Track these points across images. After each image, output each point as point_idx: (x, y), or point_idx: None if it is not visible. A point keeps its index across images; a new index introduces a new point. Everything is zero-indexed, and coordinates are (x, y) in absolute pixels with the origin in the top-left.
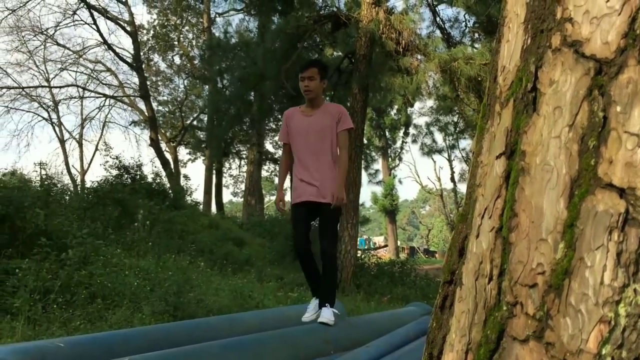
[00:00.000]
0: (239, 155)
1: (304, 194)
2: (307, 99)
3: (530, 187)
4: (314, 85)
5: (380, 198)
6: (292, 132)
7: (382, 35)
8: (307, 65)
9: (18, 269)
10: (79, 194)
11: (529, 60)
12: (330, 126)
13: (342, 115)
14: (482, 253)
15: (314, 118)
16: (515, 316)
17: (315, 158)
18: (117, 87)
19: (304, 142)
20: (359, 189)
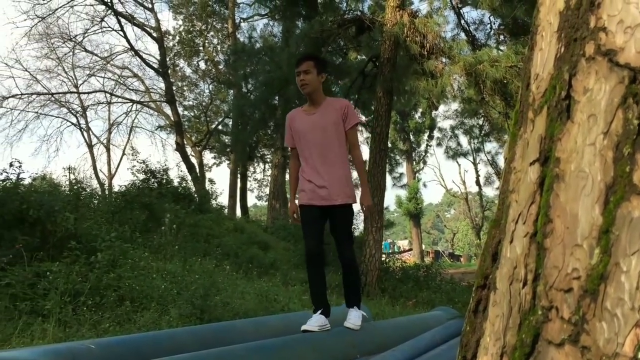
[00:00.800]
0: (264, 159)
1: (314, 197)
2: (305, 94)
3: (565, 194)
4: (311, 79)
5: (404, 202)
6: (296, 133)
7: (407, 38)
8: (302, 58)
9: (49, 272)
10: (107, 198)
11: (562, 68)
12: (335, 122)
13: (348, 109)
14: (516, 258)
15: (317, 116)
16: (551, 320)
17: (323, 158)
18: (143, 92)
19: (309, 142)
20: (383, 192)
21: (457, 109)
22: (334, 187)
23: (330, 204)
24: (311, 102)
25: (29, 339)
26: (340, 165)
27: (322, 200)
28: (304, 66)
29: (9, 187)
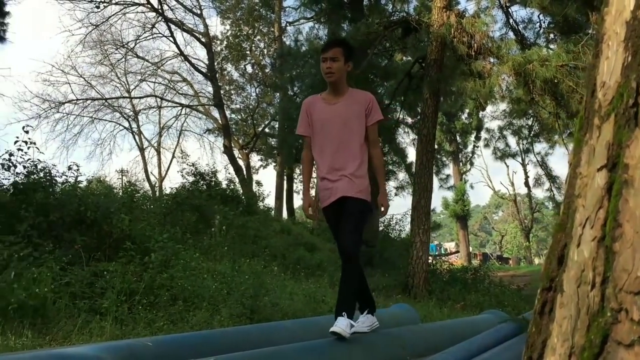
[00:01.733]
0: None
1: (332, 194)
2: (329, 83)
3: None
4: (338, 67)
5: (451, 203)
6: (314, 123)
7: (454, 39)
8: (330, 44)
9: (106, 272)
10: (159, 200)
11: (630, 76)
12: (358, 116)
13: (372, 104)
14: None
15: (339, 106)
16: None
17: (340, 152)
18: (192, 96)
19: (327, 134)
20: (430, 194)
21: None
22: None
23: (346, 194)
24: (334, 91)
25: (88, 336)
26: (359, 162)
27: (339, 193)
28: (332, 52)
29: (68, 190)
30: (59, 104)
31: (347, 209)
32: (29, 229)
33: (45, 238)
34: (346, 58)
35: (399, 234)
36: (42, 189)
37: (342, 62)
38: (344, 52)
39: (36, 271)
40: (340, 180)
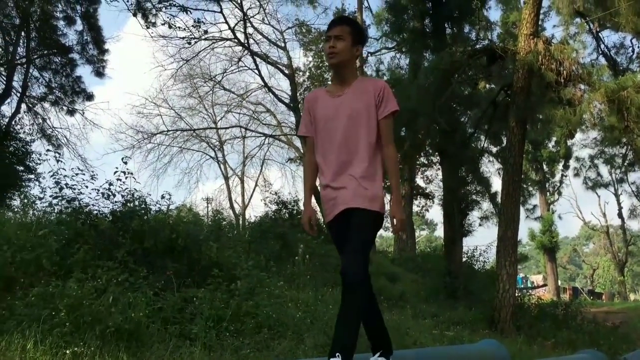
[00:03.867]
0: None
1: (335, 205)
2: (332, 66)
3: None
4: (342, 48)
5: (538, 234)
6: (317, 120)
7: (542, 66)
8: (335, 21)
9: (195, 298)
10: (244, 228)
11: None
12: (367, 108)
13: (384, 92)
14: None
15: (345, 98)
16: None
17: (345, 154)
18: (275, 126)
19: (329, 132)
20: (517, 225)
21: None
22: (357, 189)
23: (352, 205)
24: (338, 79)
25: None
26: (367, 163)
27: (343, 204)
28: (337, 30)
29: (161, 218)
30: (151, 135)
31: (352, 222)
32: (126, 255)
33: (140, 264)
34: (354, 39)
35: (483, 266)
36: (138, 217)
37: (348, 42)
38: (351, 32)
39: (131, 296)
40: (345, 189)
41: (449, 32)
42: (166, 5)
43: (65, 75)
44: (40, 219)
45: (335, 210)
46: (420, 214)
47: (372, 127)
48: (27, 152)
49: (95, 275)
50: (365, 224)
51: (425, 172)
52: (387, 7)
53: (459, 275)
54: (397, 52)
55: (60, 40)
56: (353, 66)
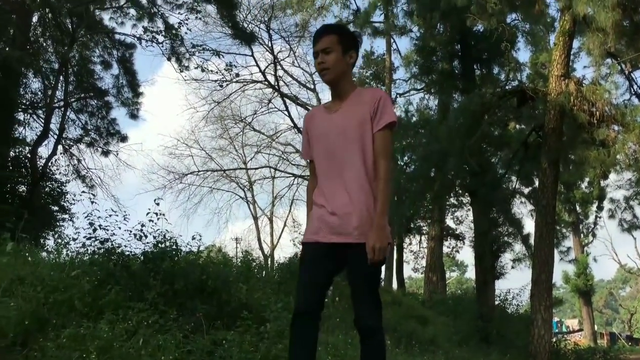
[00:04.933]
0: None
1: (321, 229)
2: (327, 83)
3: None
4: (333, 61)
5: (572, 277)
6: (313, 139)
7: (573, 107)
8: (319, 33)
9: (224, 340)
10: (273, 269)
11: None
12: (361, 122)
13: (381, 102)
14: None
15: (340, 112)
16: None
17: (338, 174)
18: (304, 167)
19: (324, 150)
20: (551, 268)
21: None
22: (352, 214)
23: (344, 240)
24: (335, 94)
25: None
26: (364, 186)
27: (332, 234)
28: (324, 43)
29: (191, 259)
30: (182, 175)
31: (352, 264)
32: (156, 296)
33: (170, 305)
34: (344, 47)
35: (517, 309)
36: (169, 258)
37: (338, 52)
38: (340, 41)
39: (161, 338)
40: (335, 215)
41: (478, 74)
42: (199, 50)
43: (100, 118)
44: (74, 260)
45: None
46: (450, 255)
47: (366, 142)
48: (62, 192)
49: (126, 316)
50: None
51: (455, 213)
52: (415, 49)
53: (491, 319)
54: (425, 93)
55: (97, 84)
56: (349, 77)
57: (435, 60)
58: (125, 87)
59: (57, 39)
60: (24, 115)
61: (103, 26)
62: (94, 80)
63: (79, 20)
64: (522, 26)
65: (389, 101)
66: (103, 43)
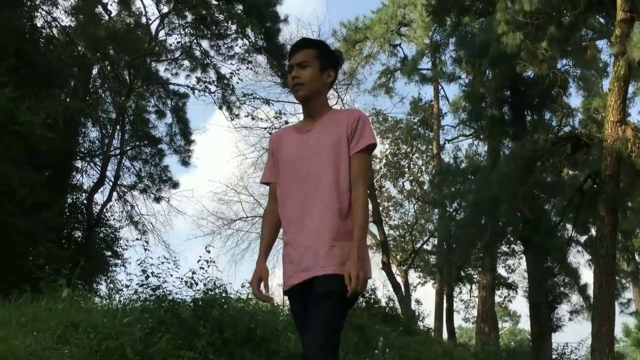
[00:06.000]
0: (470, 280)
1: (295, 270)
2: (299, 100)
3: None
4: (309, 76)
5: (633, 330)
6: (280, 162)
7: (631, 153)
8: (296, 46)
9: None
10: None
11: None
12: (336, 143)
13: (358, 123)
14: None
15: (312, 133)
16: None
17: (309, 202)
18: None
19: (293, 174)
20: (612, 321)
21: None
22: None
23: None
24: (308, 113)
25: None
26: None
27: (302, 271)
28: (299, 56)
29: (240, 307)
30: (231, 221)
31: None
32: (206, 345)
33: (220, 354)
34: (322, 64)
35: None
36: (219, 306)
37: (315, 68)
38: (318, 56)
39: None
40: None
41: (529, 120)
42: (249, 98)
43: (154, 165)
44: (126, 306)
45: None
46: (502, 305)
47: (342, 165)
48: (115, 238)
49: None
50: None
51: (507, 261)
52: (464, 95)
53: None
54: (474, 139)
55: (151, 132)
56: (324, 97)
57: (484, 106)
58: (177, 135)
59: (115, 90)
60: (81, 163)
61: (158, 77)
62: (148, 129)
63: (136, 71)
64: (574, 71)
65: (367, 122)
66: (158, 93)
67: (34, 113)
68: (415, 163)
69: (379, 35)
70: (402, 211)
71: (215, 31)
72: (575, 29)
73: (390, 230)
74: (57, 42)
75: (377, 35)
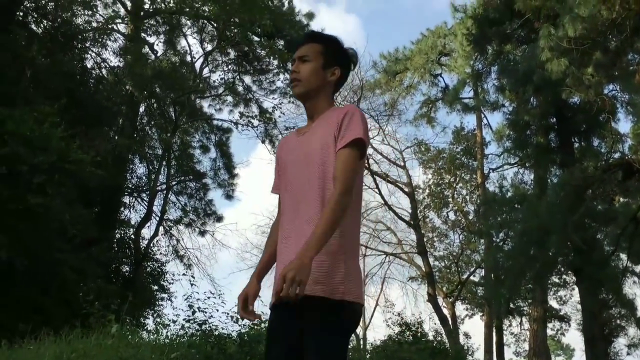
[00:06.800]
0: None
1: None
2: (296, 96)
3: None
4: (308, 72)
5: None
6: (282, 169)
7: None
8: (303, 38)
9: None
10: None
11: None
12: (323, 145)
13: (347, 117)
14: None
15: (306, 136)
16: None
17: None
18: (395, 244)
19: (288, 182)
20: None
21: None
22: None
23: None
24: (308, 113)
25: None
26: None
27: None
28: (302, 50)
29: None
30: None
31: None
32: None
33: None
34: (327, 60)
35: None
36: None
37: (317, 64)
38: (323, 52)
39: None
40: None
41: (577, 146)
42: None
43: (198, 199)
44: (173, 342)
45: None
46: (555, 339)
47: (329, 169)
48: (162, 272)
49: None
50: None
51: (559, 293)
52: (508, 123)
53: None
54: (520, 167)
55: (195, 167)
56: (326, 96)
57: (529, 134)
58: (221, 169)
59: (161, 127)
60: (129, 198)
61: (203, 113)
62: (193, 163)
63: (181, 108)
64: (622, 96)
65: (357, 116)
66: (202, 128)
67: (84, 151)
68: (459, 193)
69: (419, 65)
70: (447, 242)
71: (258, 67)
72: (622, 53)
73: (436, 262)
74: (106, 82)
75: (418, 66)
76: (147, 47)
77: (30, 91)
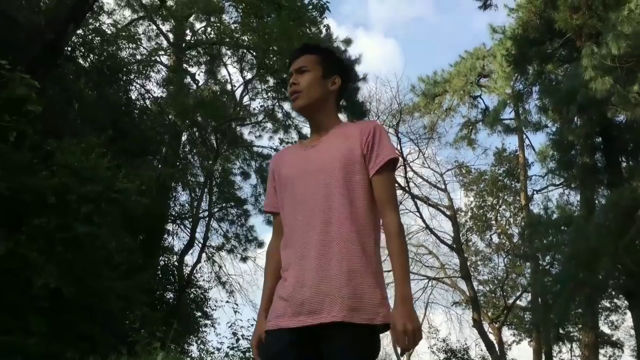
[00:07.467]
0: (570, 338)
1: (287, 309)
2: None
3: None
4: (308, 82)
5: None
6: (281, 184)
7: None
8: (297, 52)
9: None
10: None
11: None
12: (347, 160)
13: (374, 134)
14: None
15: (317, 149)
16: None
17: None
18: (438, 268)
19: (293, 197)
20: None
21: None
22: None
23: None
24: (313, 127)
25: None
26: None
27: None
28: (299, 62)
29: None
30: None
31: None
32: None
33: None
34: (326, 70)
35: None
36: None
37: (316, 73)
38: (319, 61)
39: None
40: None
41: (625, 166)
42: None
43: (240, 225)
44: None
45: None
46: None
47: (356, 187)
48: (205, 298)
49: None
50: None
51: (610, 317)
52: (551, 143)
53: None
54: (565, 188)
55: (236, 194)
56: (330, 107)
57: (574, 154)
58: (262, 196)
59: (203, 155)
60: (172, 226)
61: (243, 140)
62: (234, 190)
63: (222, 136)
64: None
65: (385, 134)
66: (243, 155)
67: (129, 180)
68: (502, 215)
69: (459, 87)
70: (491, 265)
71: None
72: None
73: (480, 286)
74: (150, 112)
75: (457, 88)
76: (189, 77)
77: (77, 123)
